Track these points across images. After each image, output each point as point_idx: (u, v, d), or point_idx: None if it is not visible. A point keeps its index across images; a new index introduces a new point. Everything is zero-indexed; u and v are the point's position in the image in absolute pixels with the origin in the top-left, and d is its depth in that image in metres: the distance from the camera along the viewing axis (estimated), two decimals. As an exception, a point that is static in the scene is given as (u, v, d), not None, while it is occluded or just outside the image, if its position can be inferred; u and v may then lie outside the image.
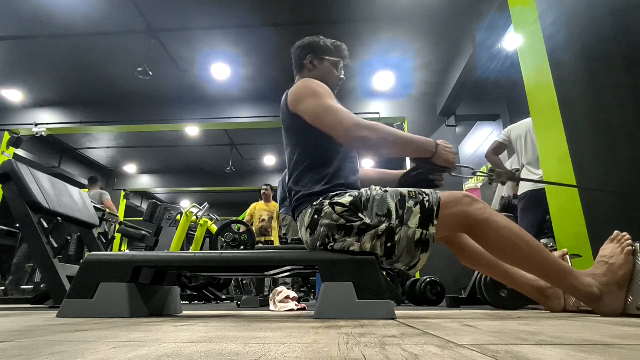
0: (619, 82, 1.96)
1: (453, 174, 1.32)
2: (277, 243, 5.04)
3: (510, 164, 3.58)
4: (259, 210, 5.35)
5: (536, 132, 2.49)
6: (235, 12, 4.57)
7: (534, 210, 2.86)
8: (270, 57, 5.37)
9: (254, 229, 4.33)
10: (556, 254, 1.40)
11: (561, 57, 2.22)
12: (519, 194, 3.03)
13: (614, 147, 1.92)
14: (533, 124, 2.55)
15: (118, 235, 4.98)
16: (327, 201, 1.22)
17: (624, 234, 1.20)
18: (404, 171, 1.46)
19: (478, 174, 1.39)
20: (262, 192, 5.55)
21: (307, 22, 4.71)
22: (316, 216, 1.22)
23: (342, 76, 1.53)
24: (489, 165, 3.54)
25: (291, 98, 1.34)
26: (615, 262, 1.15)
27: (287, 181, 1.39)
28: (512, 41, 4.49)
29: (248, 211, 5.40)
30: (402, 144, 1.25)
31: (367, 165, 7.34)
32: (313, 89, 1.31)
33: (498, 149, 3.20)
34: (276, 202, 4.92)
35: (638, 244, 1.15)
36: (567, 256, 1.45)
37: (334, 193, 1.24)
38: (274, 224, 5.25)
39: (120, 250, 10.28)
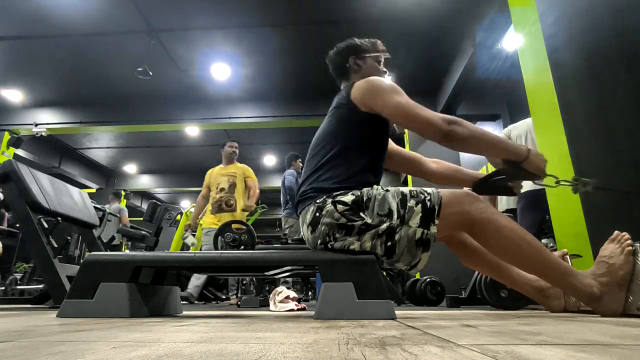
0: (619, 82, 1.96)
1: (537, 182, 1.25)
2: (239, 216, 3.62)
3: None
4: (216, 177, 3.82)
5: (536, 132, 2.49)
6: (235, 12, 4.57)
7: (533, 210, 2.86)
8: (270, 57, 5.37)
9: (210, 202, 3.62)
10: (556, 254, 1.40)
11: (561, 57, 2.22)
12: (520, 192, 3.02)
13: (614, 147, 1.92)
14: (533, 124, 2.55)
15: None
16: (330, 199, 1.22)
17: (624, 234, 1.20)
18: (479, 173, 1.43)
19: (562, 183, 1.27)
20: (225, 151, 3.95)
21: (307, 22, 4.71)
22: (318, 214, 1.22)
23: (385, 69, 1.53)
24: (489, 165, 3.54)
25: (363, 92, 1.32)
26: (615, 262, 1.15)
27: (306, 176, 1.35)
28: (512, 41, 4.49)
29: (204, 182, 3.95)
30: (493, 141, 1.22)
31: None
32: (393, 86, 1.31)
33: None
34: (241, 163, 3.89)
35: (638, 244, 1.15)
36: (567, 256, 1.44)
37: (338, 192, 1.23)
38: (238, 194, 3.73)
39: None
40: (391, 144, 1.53)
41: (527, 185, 2.93)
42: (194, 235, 3.78)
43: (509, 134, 3.16)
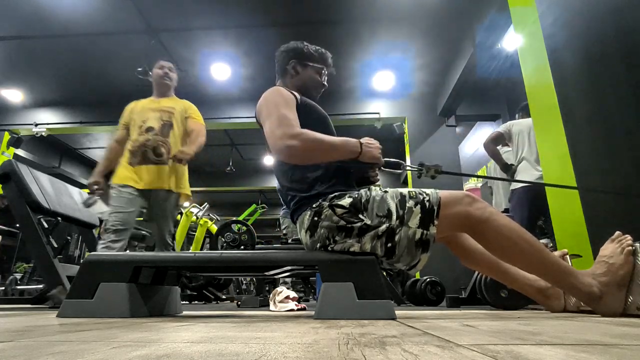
0: (619, 82, 1.96)
1: (383, 169, 1.32)
2: (169, 174, 2.33)
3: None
4: (141, 112, 2.52)
5: (536, 132, 2.49)
6: (235, 12, 4.57)
7: (523, 207, 2.86)
8: (270, 57, 5.31)
9: (129, 148, 2.26)
10: (556, 254, 1.40)
11: (561, 57, 2.22)
12: (510, 189, 3.05)
13: (614, 147, 1.92)
14: (533, 124, 2.55)
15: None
16: (327, 203, 1.22)
17: (626, 236, 1.20)
18: None
19: (407, 168, 1.40)
20: (154, 75, 2.67)
21: (307, 22, 4.71)
22: (316, 218, 1.22)
23: (325, 83, 1.53)
24: (489, 164, 3.56)
25: (258, 107, 1.36)
26: (615, 262, 1.15)
27: (279, 184, 1.39)
28: (512, 41, 4.49)
29: (121, 119, 2.57)
30: (328, 150, 1.22)
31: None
32: (271, 100, 1.30)
33: (497, 139, 3.23)
34: (181, 98, 2.71)
35: (638, 244, 1.15)
36: (567, 256, 1.44)
37: (333, 195, 1.24)
38: (175, 139, 2.44)
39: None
40: None
41: (516, 182, 2.96)
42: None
43: (511, 127, 3.18)
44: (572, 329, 0.78)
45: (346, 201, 1.20)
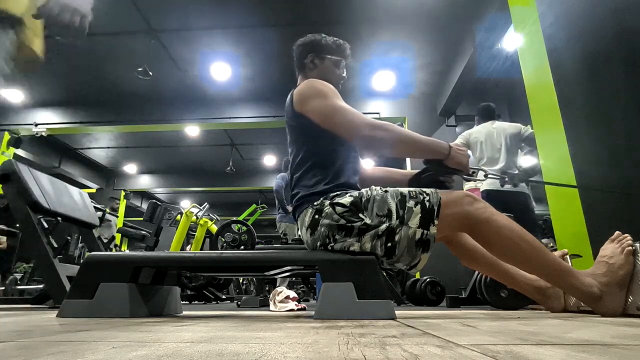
0: (619, 82, 1.96)
1: (465, 176, 1.30)
2: None
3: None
4: None
5: (536, 132, 2.49)
6: (235, 12, 4.57)
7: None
8: (270, 57, 5.37)
9: None
10: (556, 254, 1.40)
11: (561, 57, 2.22)
12: (480, 191, 3.09)
13: (614, 147, 1.92)
14: (533, 124, 2.55)
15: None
16: (328, 201, 1.22)
17: (626, 235, 1.20)
18: (413, 171, 1.45)
19: (490, 176, 1.36)
20: None
21: (307, 22, 4.71)
22: (317, 216, 1.22)
23: (344, 74, 1.52)
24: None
25: (297, 98, 1.33)
26: (615, 262, 1.15)
27: (289, 181, 1.39)
28: (512, 41, 4.49)
29: None
30: (415, 145, 1.23)
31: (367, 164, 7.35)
32: (320, 89, 1.30)
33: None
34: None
35: (638, 244, 1.15)
36: (567, 256, 1.44)
37: (335, 193, 1.24)
38: None
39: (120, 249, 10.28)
40: None
41: (485, 185, 2.98)
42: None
43: (468, 138, 3.23)
44: (572, 329, 0.78)
45: (347, 200, 1.20)
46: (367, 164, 1.66)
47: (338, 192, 1.24)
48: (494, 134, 3.12)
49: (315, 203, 1.24)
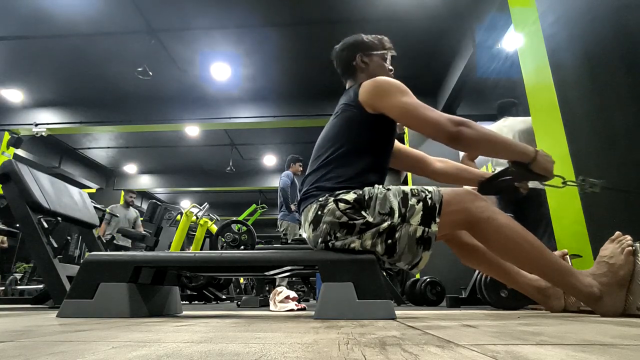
0: (619, 82, 1.96)
1: (544, 183, 1.24)
2: None
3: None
4: None
5: (536, 132, 2.49)
6: (235, 12, 4.57)
7: (506, 210, 2.86)
8: (270, 57, 5.37)
9: None
10: (556, 254, 1.39)
11: (561, 57, 2.22)
12: None
13: (614, 147, 1.92)
14: (532, 124, 2.55)
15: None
16: (332, 197, 1.22)
17: (626, 236, 1.20)
18: (484, 172, 1.41)
19: (569, 184, 1.28)
20: None
21: (307, 22, 4.71)
22: (320, 212, 1.22)
23: (391, 67, 1.50)
24: (490, 166, 3.55)
25: (370, 92, 1.30)
26: (615, 262, 1.15)
27: (309, 174, 1.36)
28: (512, 41, 4.49)
29: None
30: (499, 144, 1.20)
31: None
32: (400, 86, 1.29)
33: (473, 153, 3.19)
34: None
35: (638, 244, 1.15)
36: (567, 256, 1.44)
37: (340, 191, 1.23)
38: None
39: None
40: (396, 142, 1.52)
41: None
42: None
43: None
44: (572, 329, 0.78)
45: (350, 196, 1.20)
46: (435, 159, 1.63)
47: (343, 190, 1.24)
48: (503, 132, 2.99)
49: (320, 199, 1.24)
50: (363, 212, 1.18)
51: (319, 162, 1.33)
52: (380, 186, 1.24)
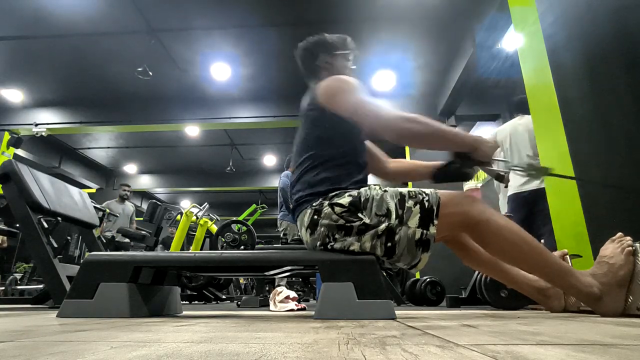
0: (618, 82, 1.96)
1: (490, 168, 1.28)
2: None
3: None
4: None
5: (536, 132, 2.49)
6: (235, 12, 4.57)
7: (518, 213, 2.87)
8: (270, 57, 5.37)
9: None
10: (556, 254, 1.40)
11: (561, 57, 2.22)
12: (507, 195, 3.05)
13: (614, 147, 1.92)
14: (533, 124, 2.55)
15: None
16: (327, 202, 1.22)
17: (627, 238, 1.20)
18: (432, 163, 1.43)
19: (514, 168, 1.36)
20: None
21: (307, 22, 4.71)
22: (316, 216, 1.22)
23: (354, 67, 1.52)
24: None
25: (324, 92, 1.31)
26: (615, 262, 1.15)
27: (293, 178, 1.39)
28: (512, 41, 4.49)
29: None
30: (447, 138, 1.22)
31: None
32: (351, 83, 1.29)
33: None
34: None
35: (638, 244, 1.15)
36: (567, 256, 1.44)
37: (334, 193, 1.24)
38: None
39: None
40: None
41: (511, 188, 2.95)
42: None
43: (495, 137, 3.17)
44: (572, 329, 0.78)
45: (345, 200, 1.20)
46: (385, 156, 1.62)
47: (337, 192, 1.24)
48: (519, 130, 2.95)
49: (314, 203, 1.24)
50: (359, 214, 1.18)
51: (301, 169, 1.33)
52: (377, 187, 1.24)
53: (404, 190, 1.23)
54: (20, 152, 7.48)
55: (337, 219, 1.18)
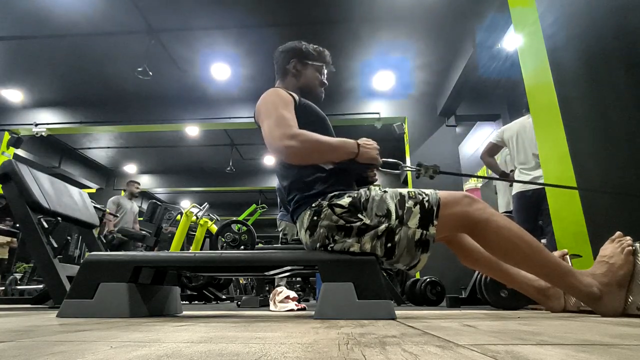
0: (618, 82, 1.96)
1: (382, 169, 1.33)
2: None
3: (501, 163, 3.60)
4: None
5: (536, 132, 2.49)
6: (235, 12, 4.57)
7: (523, 211, 2.88)
8: (270, 57, 5.29)
9: None
10: (556, 254, 1.40)
11: (561, 57, 2.22)
12: (512, 194, 3.06)
13: (614, 147, 1.92)
14: (533, 124, 2.55)
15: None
16: (326, 202, 1.22)
17: (627, 237, 1.20)
18: None
19: (406, 169, 1.41)
20: None
21: (307, 22, 4.71)
22: (315, 217, 1.22)
23: (325, 81, 1.54)
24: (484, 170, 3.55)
25: (257, 108, 1.37)
26: (615, 262, 1.15)
27: (281, 184, 1.40)
28: (512, 41, 4.49)
29: None
30: (327, 150, 1.23)
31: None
32: (266, 106, 1.31)
33: (492, 150, 3.21)
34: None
35: (638, 244, 1.15)
36: (567, 256, 1.44)
37: (333, 194, 1.24)
38: None
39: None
40: None
41: (517, 187, 2.95)
42: None
43: (502, 135, 3.17)
44: (572, 329, 0.78)
45: (345, 201, 1.20)
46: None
47: (336, 193, 1.24)
48: (527, 128, 2.95)
49: (313, 204, 1.24)
50: (359, 215, 1.18)
51: (293, 171, 1.33)
52: (377, 188, 1.25)
53: (404, 190, 1.23)
54: (20, 152, 7.48)
55: (337, 219, 1.18)
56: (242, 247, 3.22)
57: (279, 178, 1.41)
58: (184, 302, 3.93)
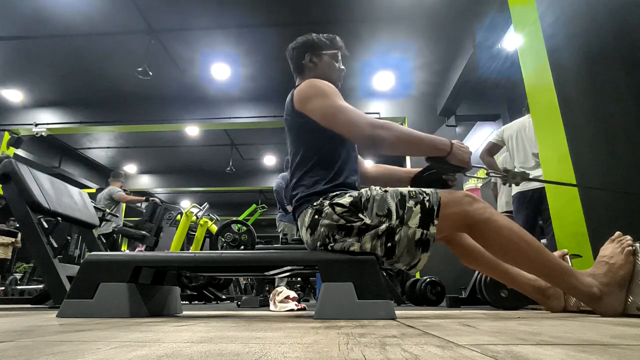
0: (618, 82, 1.96)
1: (467, 174, 1.30)
2: None
3: (500, 163, 3.60)
4: None
5: (536, 132, 2.49)
6: (235, 12, 4.57)
7: (523, 211, 2.88)
8: (270, 57, 5.37)
9: None
10: (556, 254, 1.40)
11: (561, 57, 2.22)
12: (512, 194, 3.06)
13: (614, 147, 1.92)
14: (533, 124, 2.55)
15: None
16: (327, 201, 1.22)
17: (626, 236, 1.20)
18: (414, 169, 1.44)
19: (492, 174, 1.37)
20: None
21: (307, 22, 4.71)
22: (316, 216, 1.22)
23: (342, 67, 1.52)
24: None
25: (298, 97, 1.33)
26: (615, 262, 1.15)
27: (289, 181, 1.40)
28: (512, 41, 4.49)
29: None
30: (416, 143, 1.24)
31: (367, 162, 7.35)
32: (322, 89, 1.30)
33: (492, 149, 3.21)
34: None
35: (638, 244, 1.15)
36: (567, 256, 1.44)
37: (334, 193, 1.24)
38: None
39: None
40: None
41: (516, 187, 2.95)
42: None
43: (502, 134, 3.17)
44: (572, 329, 0.78)
45: (346, 200, 1.20)
46: (368, 162, 1.63)
47: (337, 192, 1.24)
48: (527, 127, 2.95)
49: (314, 203, 1.24)
50: (360, 215, 1.18)
51: (297, 170, 1.34)
52: (378, 188, 1.25)
53: (405, 190, 1.23)
54: (20, 152, 7.48)
55: (338, 219, 1.18)
56: (242, 247, 3.22)
57: (290, 173, 1.39)
58: (184, 302, 3.93)
